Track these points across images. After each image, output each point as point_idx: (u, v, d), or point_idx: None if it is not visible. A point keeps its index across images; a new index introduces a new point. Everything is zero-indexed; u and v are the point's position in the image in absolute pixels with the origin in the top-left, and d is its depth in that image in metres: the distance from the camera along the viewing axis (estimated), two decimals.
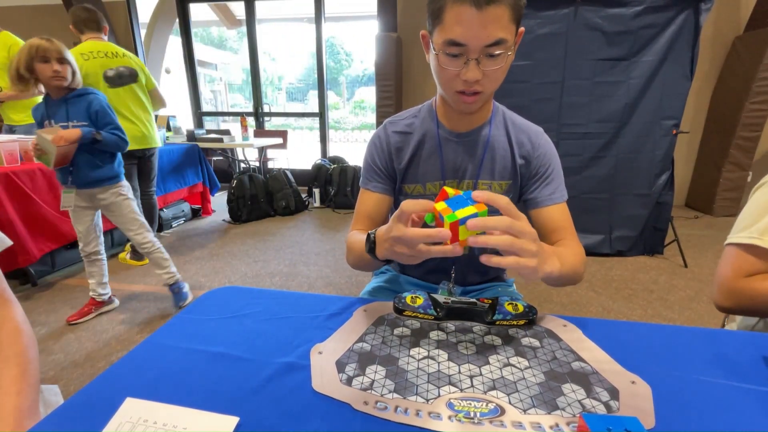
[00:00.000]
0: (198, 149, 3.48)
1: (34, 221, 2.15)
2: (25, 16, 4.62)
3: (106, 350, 1.68)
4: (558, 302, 2.11)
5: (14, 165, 2.16)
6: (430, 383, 0.50)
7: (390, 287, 0.96)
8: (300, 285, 2.32)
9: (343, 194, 4.00)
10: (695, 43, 2.36)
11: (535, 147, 0.79)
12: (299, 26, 12.66)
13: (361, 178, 0.85)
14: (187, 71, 4.91)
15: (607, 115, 2.48)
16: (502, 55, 0.62)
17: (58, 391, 0.68)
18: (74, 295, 2.16)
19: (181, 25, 4.75)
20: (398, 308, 0.65)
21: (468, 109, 0.72)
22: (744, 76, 3.32)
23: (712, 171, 3.65)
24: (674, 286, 2.27)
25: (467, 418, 0.44)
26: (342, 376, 0.51)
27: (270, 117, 5.02)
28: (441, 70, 0.67)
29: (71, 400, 0.48)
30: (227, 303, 0.70)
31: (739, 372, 0.52)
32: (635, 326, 0.64)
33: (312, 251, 2.84)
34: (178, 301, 1.99)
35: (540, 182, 0.79)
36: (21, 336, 0.61)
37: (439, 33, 0.63)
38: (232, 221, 3.55)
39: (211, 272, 2.47)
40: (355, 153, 3.93)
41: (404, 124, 0.83)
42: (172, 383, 0.50)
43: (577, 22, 2.38)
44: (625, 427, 0.38)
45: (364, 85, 16.78)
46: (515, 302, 0.65)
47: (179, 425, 0.43)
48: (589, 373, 0.52)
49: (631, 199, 2.61)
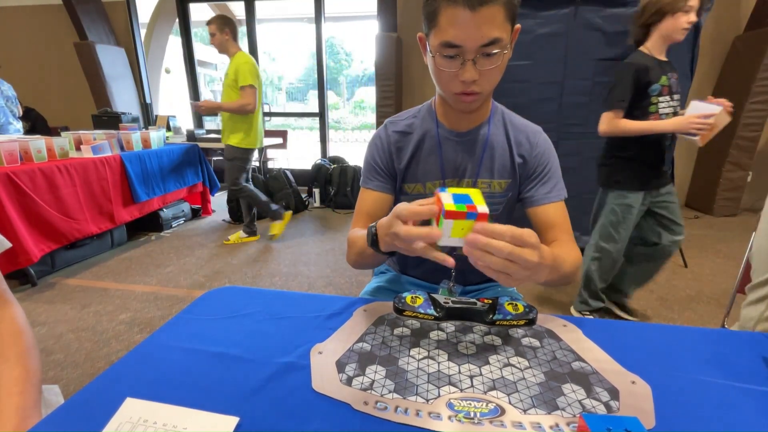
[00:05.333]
0: (198, 149, 3.48)
1: (34, 221, 2.15)
2: (25, 16, 4.62)
3: (106, 350, 1.68)
4: (558, 302, 2.11)
5: (14, 165, 2.16)
6: (430, 383, 0.50)
7: (390, 287, 0.96)
8: (300, 285, 2.32)
9: (343, 194, 4.00)
10: (695, 43, 2.36)
11: (533, 146, 0.80)
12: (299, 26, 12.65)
13: (362, 177, 0.85)
14: (187, 71, 4.91)
15: None
16: (499, 54, 0.63)
17: (58, 391, 0.68)
18: (74, 295, 2.16)
19: (181, 25, 4.75)
20: (398, 308, 0.65)
21: (467, 109, 0.73)
22: (744, 76, 3.32)
23: (712, 171, 3.65)
24: (674, 286, 2.27)
25: (467, 418, 0.44)
26: (342, 376, 0.51)
27: (270, 117, 5.02)
28: (438, 72, 0.67)
29: (71, 400, 0.48)
30: (227, 303, 0.70)
31: (739, 372, 0.52)
32: (635, 326, 0.64)
33: (312, 251, 2.84)
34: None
35: (538, 181, 0.79)
36: (22, 337, 0.61)
37: (434, 35, 0.64)
38: (232, 221, 3.55)
39: (211, 272, 2.47)
40: (355, 153, 3.93)
41: (404, 123, 0.83)
42: (172, 383, 0.50)
43: (577, 22, 2.38)
44: (625, 427, 0.38)
45: (364, 85, 16.79)
46: (515, 302, 0.65)
47: (179, 425, 0.43)
48: (589, 373, 0.52)
49: None
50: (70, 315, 1.95)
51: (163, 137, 3.26)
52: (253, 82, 2.57)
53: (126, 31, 4.62)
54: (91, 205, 2.50)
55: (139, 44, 4.72)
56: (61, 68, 4.66)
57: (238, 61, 2.58)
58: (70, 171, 2.36)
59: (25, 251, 2.07)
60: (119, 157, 2.67)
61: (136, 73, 4.76)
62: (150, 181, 2.94)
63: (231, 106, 2.63)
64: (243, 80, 2.55)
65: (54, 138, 2.45)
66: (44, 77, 4.75)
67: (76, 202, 2.39)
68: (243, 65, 2.55)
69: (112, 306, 2.04)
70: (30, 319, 0.72)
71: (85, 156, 2.55)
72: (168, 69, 6.92)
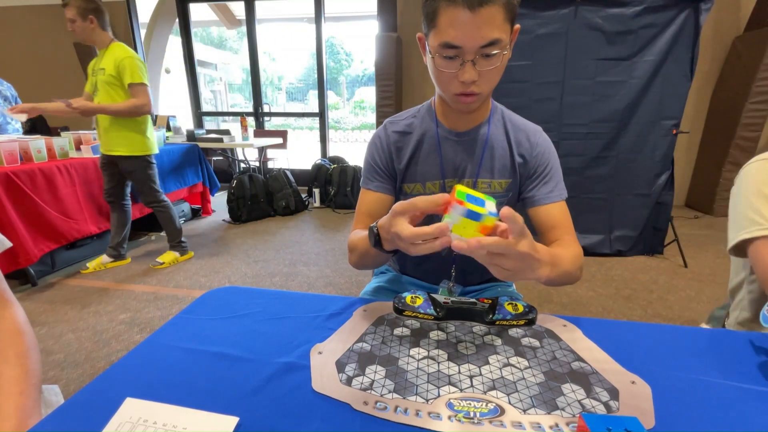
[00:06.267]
0: (198, 149, 3.48)
1: (34, 221, 2.15)
2: (25, 16, 4.62)
3: (106, 350, 1.68)
4: (558, 302, 2.11)
5: (14, 165, 2.16)
6: (430, 383, 0.50)
7: (390, 287, 0.96)
8: (300, 285, 2.32)
9: (343, 194, 4.00)
10: (695, 43, 2.36)
11: (533, 146, 0.80)
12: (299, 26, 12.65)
13: (362, 178, 0.85)
14: (187, 71, 4.91)
15: (608, 114, 2.48)
16: (498, 54, 0.63)
17: (58, 391, 0.68)
18: (74, 295, 2.16)
19: (181, 25, 4.75)
20: (398, 308, 0.65)
21: (466, 109, 0.73)
22: (744, 76, 3.32)
23: (712, 171, 3.65)
24: (674, 286, 2.27)
25: (467, 418, 0.44)
26: (342, 376, 0.51)
27: (270, 117, 5.02)
28: (438, 72, 0.67)
29: (71, 400, 0.48)
30: (227, 303, 0.70)
31: (739, 372, 0.52)
32: (635, 326, 0.64)
33: (312, 251, 2.84)
34: None
35: (538, 181, 0.79)
36: (22, 337, 0.61)
37: (434, 36, 0.64)
38: (232, 221, 3.55)
39: (211, 272, 2.47)
40: (355, 153, 3.93)
41: (404, 123, 0.83)
42: (172, 383, 0.50)
43: (577, 22, 2.39)
44: (625, 427, 0.38)
45: (364, 85, 16.79)
46: (515, 302, 0.65)
47: (179, 425, 0.43)
48: (588, 373, 0.52)
49: (631, 199, 2.61)
50: (70, 315, 1.95)
51: (163, 137, 3.26)
52: (145, 80, 2.17)
53: (126, 31, 4.62)
54: (91, 205, 2.50)
55: (139, 44, 4.72)
56: (61, 68, 4.66)
57: (120, 54, 2.12)
58: (70, 171, 2.36)
59: (25, 251, 2.08)
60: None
61: None
62: None
63: (121, 108, 2.14)
64: (132, 77, 2.11)
65: (54, 138, 2.46)
66: (44, 77, 4.75)
67: (76, 202, 2.39)
68: (128, 59, 2.12)
69: (112, 306, 2.04)
70: (30, 319, 0.72)
71: (85, 156, 2.55)
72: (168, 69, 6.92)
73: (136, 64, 2.14)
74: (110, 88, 2.16)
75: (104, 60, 2.16)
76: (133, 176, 2.35)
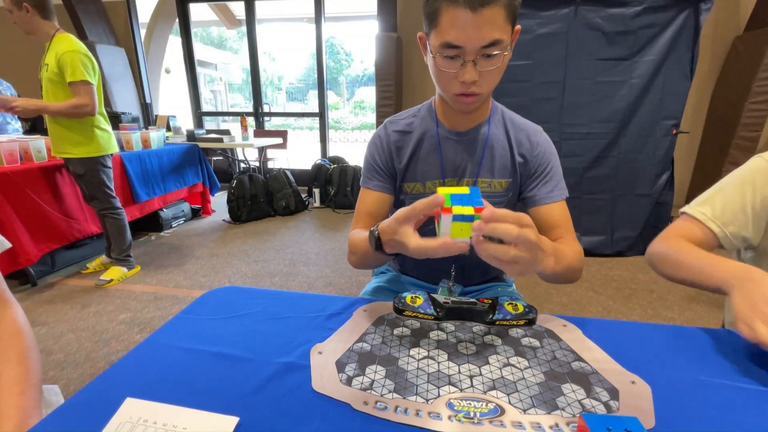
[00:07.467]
0: (198, 149, 3.48)
1: (34, 221, 2.15)
2: None
3: (106, 350, 1.68)
4: (558, 302, 2.11)
5: (14, 165, 2.16)
6: (430, 383, 0.50)
7: (390, 287, 0.96)
8: (300, 285, 2.32)
9: (343, 194, 4.00)
10: (695, 43, 2.36)
11: (534, 145, 0.80)
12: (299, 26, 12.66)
13: (362, 177, 0.85)
14: (187, 71, 4.91)
15: (609, 115, 2.48)
16: (499, 55, 0.63)
17: (58, 391, 0.68)
18: (74, 295, 2.16)
19: (181, 25, 4.74)
20: (398, 308, 0.65)
21: (466, 109, 0.73)
22: (744, 76, 3.32)
23: (712, 171, 3.65)
24: (674, 286, 2.26)
25: (467, 418, 0.44)
26: (342, 376, 0.51)
27: (270, 117, 5.02)
28: (438, 72, 0.67)
29: (71, 400, 0.48)
30: (227, 303, 0.70)
31: (738, 372, 0.52)
32: (635, 326, 0.64)
33: (312, 251, 2.84)
34: None
35: (539, 180, 0.79)
36: (22, 337, 0.61)
37: (435, 35, 0.64)
38: (232, 221, 3.55)
39: (211, 272, 2.47)
40: (355, 153, 3.93)
41: (404, 123, 0.83)
42: (172, 383, 0.50)
43: (577, 22, 2.39)
44: (625, 427, 0.38)
45: (364, 85, 16.80)
46: (515, 302, 0.65)
47: (179, 425, 0.43)
48: (588, 373, 0.52)
49: (632, 200, 2.61)
50: (70, 315, 1.95)
51: (163, 137, 3.26)
52: (88, 78, 1.93)
53: (126, 31, 4.62)
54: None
55: (139, 44, 4.72)
56: None
57: (62, 47, 1.90)
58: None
59: (25, 251, 2.08)
60: (119, 157, 2.67)
61: (136, 73, 4.76)
62: (150, 181, 2.93)
63: (60, 108, 1.94)
64: (73, 74, 1.89)
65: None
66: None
67: (76, 202, 2.39)
68: (69, 54, 1.89)
69: (112, 306, 2.04)
70: (30, 319, 0.72)
71: None
72: (168, 69, 6.92)
73: (78, 59, 1.90)
74: (54, 87, 1.95)
75: (48, 54, 1.94)
76: (83, 180, 2.15)
